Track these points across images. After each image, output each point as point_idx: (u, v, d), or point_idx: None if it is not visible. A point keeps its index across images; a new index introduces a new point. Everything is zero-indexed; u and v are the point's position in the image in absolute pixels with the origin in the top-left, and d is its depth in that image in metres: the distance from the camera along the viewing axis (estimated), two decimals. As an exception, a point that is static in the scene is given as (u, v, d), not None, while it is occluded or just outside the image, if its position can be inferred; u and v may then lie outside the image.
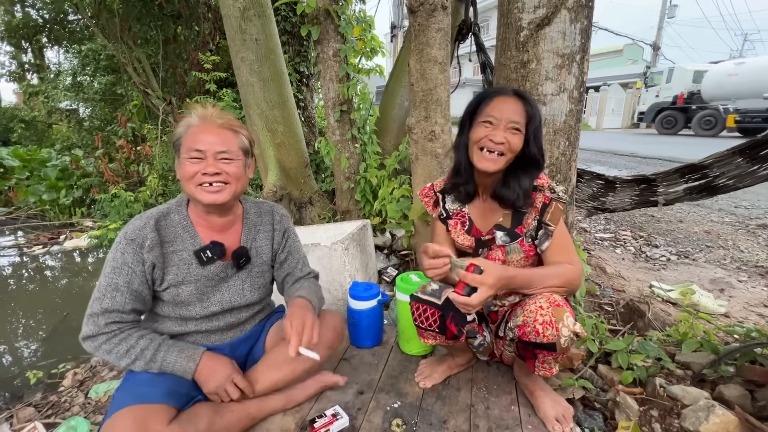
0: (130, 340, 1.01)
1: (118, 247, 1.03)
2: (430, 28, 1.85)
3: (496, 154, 1.08)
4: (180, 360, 1.04)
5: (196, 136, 1.04)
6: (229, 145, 1.07)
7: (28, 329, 2.74)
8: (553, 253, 1.13)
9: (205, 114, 1.08)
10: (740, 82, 11.31)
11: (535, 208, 1.15)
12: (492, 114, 1.07)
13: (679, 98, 12.73)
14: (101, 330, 0.99)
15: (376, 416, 1.23)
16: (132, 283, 1.02)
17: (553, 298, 1.03)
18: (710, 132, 11.62)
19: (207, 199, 1.05)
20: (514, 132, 1.07)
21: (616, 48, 24.94)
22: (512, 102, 1.07)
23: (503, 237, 1.18)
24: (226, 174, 1.05)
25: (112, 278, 1.01)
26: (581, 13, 1.44)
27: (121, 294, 1.01)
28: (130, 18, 5.66)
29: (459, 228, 1.26)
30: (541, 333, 1.01)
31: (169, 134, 5.55)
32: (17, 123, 10.33)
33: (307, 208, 3.11)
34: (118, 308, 1.00)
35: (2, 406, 1.77)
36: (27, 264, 4.09)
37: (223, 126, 1.08)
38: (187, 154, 1.04)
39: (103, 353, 1.00)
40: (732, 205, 4.41)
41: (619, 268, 2.71)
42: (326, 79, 2.74)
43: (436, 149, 2.00)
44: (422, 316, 1.20)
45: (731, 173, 1.59)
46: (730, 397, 1.21)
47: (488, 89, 1.14)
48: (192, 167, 1.03)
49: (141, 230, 1.04)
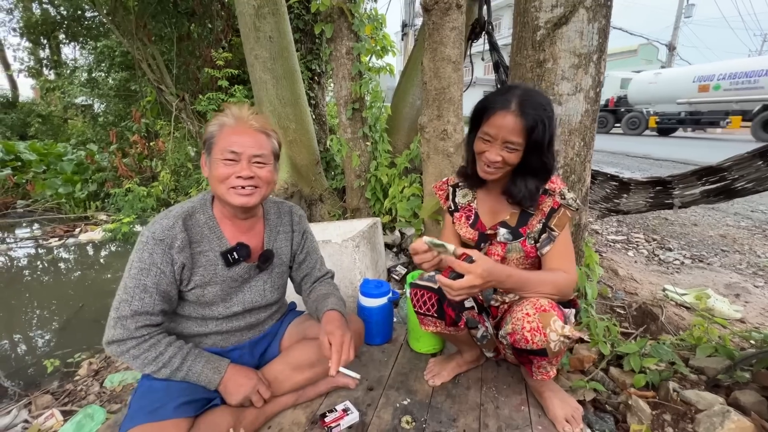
0: (159, 346, 0.99)
1: (146, 247, 0.99)
2: (445, 26, 1.84)
3: (493, 167, 1.09)
4: (206, 371, 1.03)
5: (231, 137, 1.03)
6: (264, 149, 1.06)
7: (44, 319, 2.81)
8: (552, 259, 1.12)
9: (241, 115, 1.07)
10: (658, 89, 13.32)
11: (542, 211, 1.14)
12: (488, 132, 1.06)
13: (610, 102, 14.70)
14: (131, 334, 0.96)
15: (386, 413, 1.24)
16: (160, 284, 0.99)
17: (539, 303, 1.02)
18: (636, 131, 13.71)
19: (238, 202, 1.04)
20: (510, 150, 1.06)
21: (631, 48, 24.52)
22: (510, 120, 1.02)
23: (506, 234, 1.18)
24: (258, 178, 1.05)
25: (140, 279, 0.98)
26: (599, 12, 1.43)
27: (149, 295, 0.98)
28: (145, 15, 5.74)
29: (463, 221, 1.28)
30: (530, 340, 1.01)
31: (182, 130, 5.62)
32: (34, 117, 10.58)
33: (318, 206, 3.13)
34: (147, 310, 0.98)
35: (21, 393, 1.82)
36: (43, 256, 4.18)
37: (259, 129, 1.07)
38: (222, 155, 1.02)
39: (129, 358, 0.98)
40: (749, 209, 4.32)
41: (632, 270, 2.68)
42: (339, 77, 2.75)
43: (448, 148, 2.00)
44: (420, 300, 1.22)
45: (751, 176, 1.56)
46: (745, 403, 1.20)
47: (494, 97, 1.09)
48: (226, 169, 1.02)
49: (170, 230, 1.01)
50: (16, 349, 2.43)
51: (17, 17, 8.97)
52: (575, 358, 1.47)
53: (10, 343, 2.48)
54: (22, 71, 10.76)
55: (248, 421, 1.10)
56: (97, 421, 1.40)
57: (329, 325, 1.12)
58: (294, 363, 1.22)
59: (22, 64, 10.74)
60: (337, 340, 1.07)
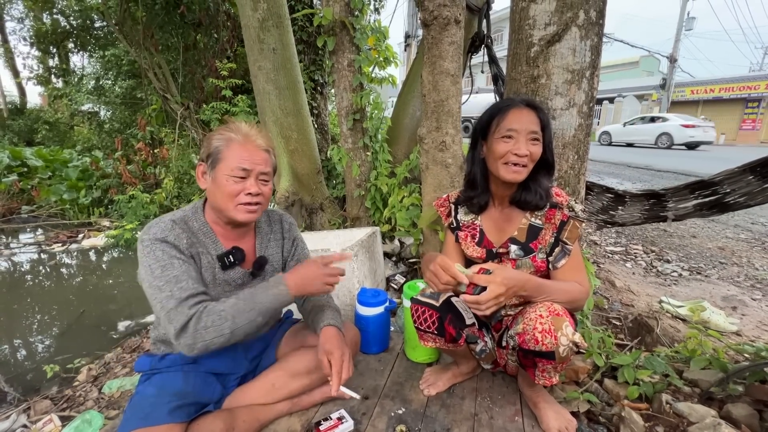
0: (217, 307, 0.99)
1: (154, 248, 0.99)
2: (443, 41, 1.89)
3: (520, 165, 1.11)
4: (270, 291, 1.05)
5: (241, 154, 1.05)
6: (269, 167, 1.10)
7: (45, 324, 2.83)
8: (566, 272, 1.15)
9: (249, 132, 1.09)
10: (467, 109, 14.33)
11: (553, 225, 1.17)
12: (512, 127, 1.09)
13: None
14: (189, 315, 0.95)
15: (381, 421, 1.25)
16: (189, 270, 1.01)
17: (553, 307, 1.04)
18: None
19: (245, 218, 1.07)
20: (534, 142, 1.10)
21: (632, 59, 24.73)
22: (527, 113, 1.10)
23: (517, 251, 1.19)
24: (262, 195, 1.09)
25: (168, 273, 0.97)
26: (591, 31, 1.47)
27: (185, 281, 0.98)
28: (152, 25, 5.87)
29: (469, 240, 1.28)
30: (540, 341, 1.02)
31: (186, 138, 5.70)
32: (41, 124, 10.74)
33: (318, 214, 3.16)
34: (190, 293, 0.98)
35: (20, 398, 1.84)
36: (46, 261, 4.22)
37: (264, 147, 1.10)
38: (231, 171, 1.04)
39: (200, 336, 0.95)
40: (749, 222, 4.33)
41: (629, 282, 2.69)
42: (340, 88, 2.80)
43: (447, 159, 2.03)
44: (421, 317, 1.22)
45: (742, 190, 1.58)
46: (738, 416, 1.20)
47: (499, 103, 1.16)
48: (236, 186, 1.04)
49: (170, 230, 1.02)
50: (17, 354, 2.45)
51: (28, 26, 9.17)
52: (570, 369, 1.47)
53: (10, 348, 2.51)
54: (31, 79, 10.97)
55: (242, 428, 1.11)
56: (95, 427, 1.41)
57: (327, 344, 1.13)
58: (292, 371, 1.23)
59: (31, 72, 10.97)
60: (337, 361, 1.09)
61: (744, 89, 17.88)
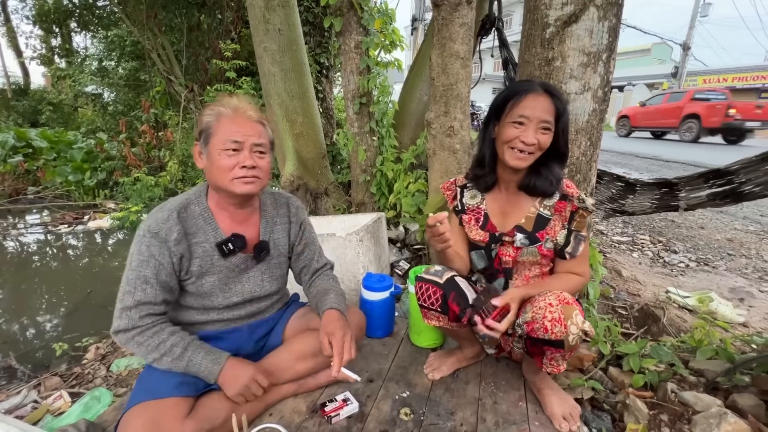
0: (161, 335, 1.01)
1: (143, 240, 1.01)
2: (454, 22, 1.83)
3: (526, 153, 1.09)
4: (205, 362, 1.03)
5: (232, 127, 1.03)
6: (263, 138, 1.08)
7: (53, 304, 2.87)
8: (573, 263, 1.18)
9: (238, 105, 1.06)
10: None
11: (563, 217, 1.16)
12: (524, 114, 1.07)
13: None
14: (136, 323, 0.99)
15: (385, 404, 1.26)
16: (160, 274, 1.02)
17: (563, 296, 1.04)
18: None
19: (243, 190, 1.05)
20: (544, 132, 1.08)
21: (644, 47, 24.12)
22: (543, 100, 1.07)
23: (522, 239, 1.19)
24: (259, 168, 1.06)
25: (140, 271, 1.00)
26: (610, 11, 1.41)
27: (151, 286, 1.00)
28: (156, 5, 5.77)
29: (473, 223, 1.27)
30: (549, 330, 1.02)
31: (190, 121, 5.66)
32: (45, 105, 10.71)
33: (323, 199, 3.15)
34: (150, 300, 1.00)
35: (30, 375, 1.87)
36: (52, 242, 4.26)
37: (257, 119, 1.08)
38: (223, 145, 1.02)
39: (134, 345, 1.00)
40: (758, 213, 4.27)
41: (636, 272, 2.67)
42: (347, 71, 2.75)
43: (454, 145, 2.00)
44: (425, 294, 1.22)
45: (759, 180, 1.55)
46: (743, 406, 1.20)
47: (518, 85, 1.12)
48: (229, 160, 1.02)
49: (165, 222, 1.03)
50: (26, 333, 2.49)
51: (30, 5, 9.05)
52: (575, 357, 1.47)
53: (20, 327, 2.54)
54: (34, 59, 10.89)
55: (248, 407, 1.12)
56: (103, 404, 1.43)
57: (330, 325, 1.13)
58: (297, 352, 1.24)
59: (34, 52, 10.88)
60: (338, 341, 1.09)
61: (758, 79, 17.45)
